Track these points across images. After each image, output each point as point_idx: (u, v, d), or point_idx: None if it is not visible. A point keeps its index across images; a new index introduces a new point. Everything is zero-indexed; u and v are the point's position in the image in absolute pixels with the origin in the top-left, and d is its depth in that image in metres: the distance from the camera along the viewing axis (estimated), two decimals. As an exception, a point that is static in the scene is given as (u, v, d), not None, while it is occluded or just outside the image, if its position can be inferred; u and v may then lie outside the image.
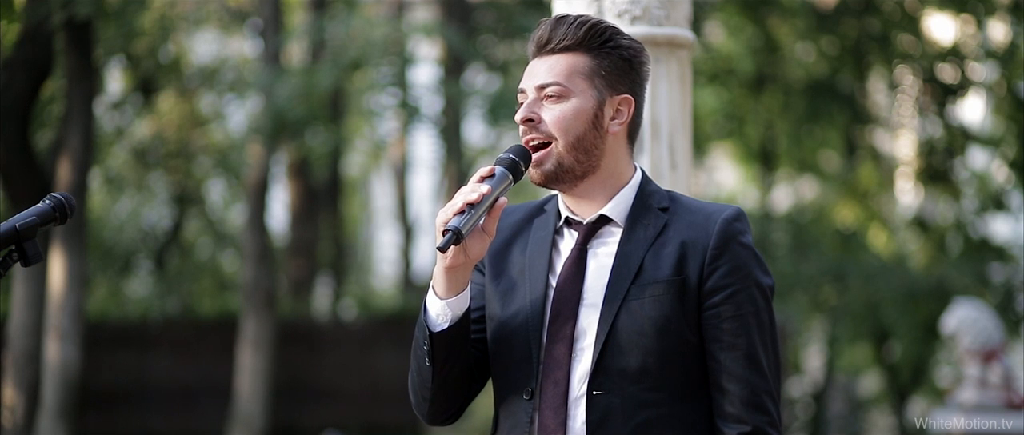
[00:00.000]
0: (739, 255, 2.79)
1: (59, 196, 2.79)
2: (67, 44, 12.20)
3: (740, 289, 2.77)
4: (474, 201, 2.71)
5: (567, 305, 2.80)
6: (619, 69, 2.83)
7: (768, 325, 2.79)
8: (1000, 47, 14.38)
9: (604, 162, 2.83)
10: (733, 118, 16.20)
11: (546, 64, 2.83)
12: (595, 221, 2.84)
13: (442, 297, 2.80)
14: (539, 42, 2.84)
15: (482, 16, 14.98)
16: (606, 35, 2.83)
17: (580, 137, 2.79)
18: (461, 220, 2.70)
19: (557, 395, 2.76)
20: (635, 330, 2.75)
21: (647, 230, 2.81)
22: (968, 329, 10.20)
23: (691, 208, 2.84)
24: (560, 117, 2.79)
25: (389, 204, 23.35)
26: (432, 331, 2.81)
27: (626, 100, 2.84)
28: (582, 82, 2.81)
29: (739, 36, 15.76)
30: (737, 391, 2.75)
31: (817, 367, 17.82)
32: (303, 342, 16.20)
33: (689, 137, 4.25)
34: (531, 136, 2.81)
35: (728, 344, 2.76)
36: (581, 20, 2.82)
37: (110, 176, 18.25)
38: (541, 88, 2.81)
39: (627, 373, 2.75)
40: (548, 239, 2.87)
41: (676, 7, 4.20)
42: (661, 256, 2.78)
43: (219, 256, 20.58)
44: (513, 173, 2.78)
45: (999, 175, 15.43)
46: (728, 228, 2.79)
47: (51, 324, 12.03)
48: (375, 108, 15.78)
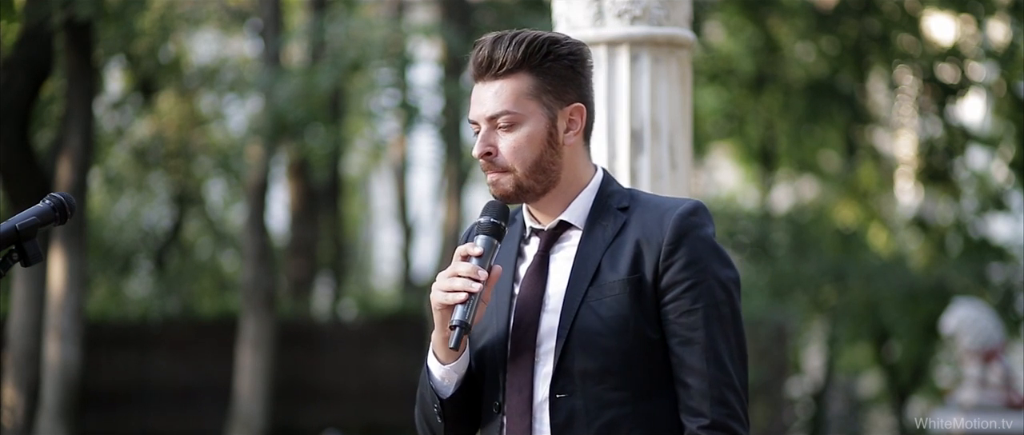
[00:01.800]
0: (696, 249, 2.76)
1: (59, 196, 2.79)
2: (67, 44, 12.20)
3: (697, 283, 2.75)
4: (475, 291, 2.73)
5: (529, 312, 2.81)
6: (564, 79, 2.82)
7: (730, 318, 2.77)
8: (1000, 47, 14.38)
9: (564, 174, 2.84)
10: (733, 118, 16.20)
11: (491, 91, 2.81)
12: (555, 227, 2.86)
13: (444, 363, 2.83)
14: (479, 67, 2.83)
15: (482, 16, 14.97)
16: (545, 48, 2.81)
17: (538, 160, 2.80)
18: (465, 312, 2.72)
19: (522, 401, 2.78)
20: (594, 331, 2.75)
21: (605, 231, 2.81)
22: (968, 329, 10.21)
23: (649, 205, 2.83)
24: (515, 147, 2.79)
25: (389, 204, 23.36)
26: (442, 397, 2.84)
27: (577, 109, 2.84)
28: (531, 104, 2.80)
29: (739, 36, 15.76)
30: (697, 385, 2.74)
31: (817, 367, 17.82)
32: (303, 342, 16.21)
33: (689, 137, 4.25)
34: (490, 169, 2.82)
35: (686, 339, 2.75)
36: (518, 38, 2.81)
37: (110, 176, 18.25)
38: (492, 119, 2.81)
39: (589, 374, 2.75)
40: (514, 250, 2.88)
41: (676, 7, 4.20)
42: (618, 256, 2.78)
43: (219, 256, 20.58)
44: (497, 237, 2.80)
45: (999, 175, 15.43)
46: (683, 222, 2.77)
47: (51, 324, 12.03)
48: (375, 109, 15.78)
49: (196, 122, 18.44)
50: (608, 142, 4.15)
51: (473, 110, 2.85)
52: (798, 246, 15.11)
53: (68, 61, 12.33)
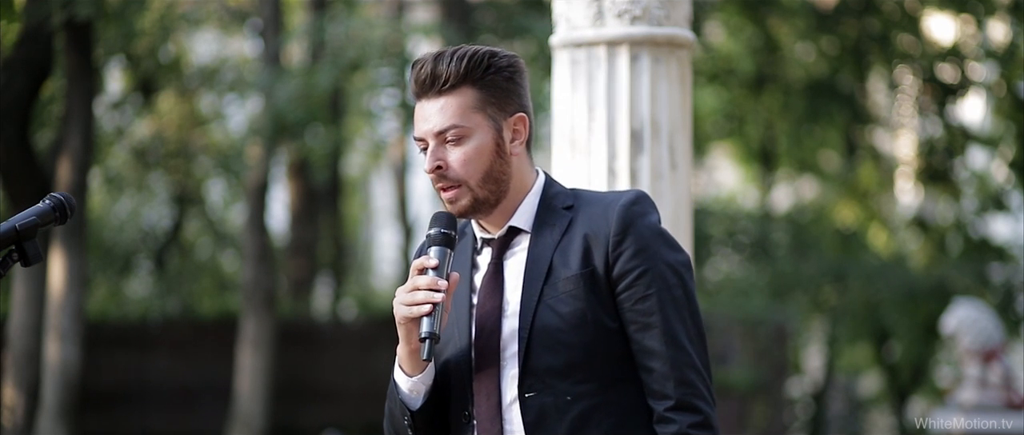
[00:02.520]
0: (642, 236, 2.82)
1: (59, 196, 2.79)
2: (67, 44, 12.20)
3: (647, 269, 2.80)
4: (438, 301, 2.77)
5: (490, 319, 2.86)
6: (505, 91, 2.88)
7: (683, 300, 2.82)
8: (1000, 47, 14.38)
9: (512, 183, 2.89)
10: (733, 118, 16.21)
11: (436, 106, 2.85)
12: (505, 234, 2.90)
13: (411, 375, 2.88)
14: (422, 84, 2.87)
15: (482, 16, 14.97)
16: (484, 62, 2.86)
17: (488, 171, 2.85)
18: (432, 323, 2.77)
19: (491, 407, 2.83)
20: (554, 328, 2.80)
21: (553, 231, 2.87)
22: (968, 329, 10.21)
23: (592, 200, 2.89)
24: (464, 159, 2.84)
25: (389, 204, 23.34)
26: (411, 409, 2.89)
27: (520, 118, 2.89)
28: (477, 116, 2.85)
29: (739, 36, 15.77)
30: (658, 368, 2.79)
31: (817, 367, 17.83)
32: (303, 342, 16.20)
33: (689, 137, 4.25)
34: (442, 184, 2.86)
35: (644, 325, 2.80)
36: (458, 54, 2.85)
37: (110, 176, 18.23)
38: (440, 134, 2.85)
39: (554, 370, 2.80)
40: (468, 261, 2.93)
41: (676, 7, 4.20)
42: (569, 252, 2.83)
43: (219, 256, 20.57)
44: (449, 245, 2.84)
45: (999, 175, 15.43)
46: (627, 212, 2.83)
47: (51, 324, 12.03)
48: (375, 109, 15.77)
49: (196, 122, 18.43)
50: (608, 142, 4.15)
51: (418, 127, 2.89)
52: (798, 246, 15.12)
53: (68, 61, 12.33)
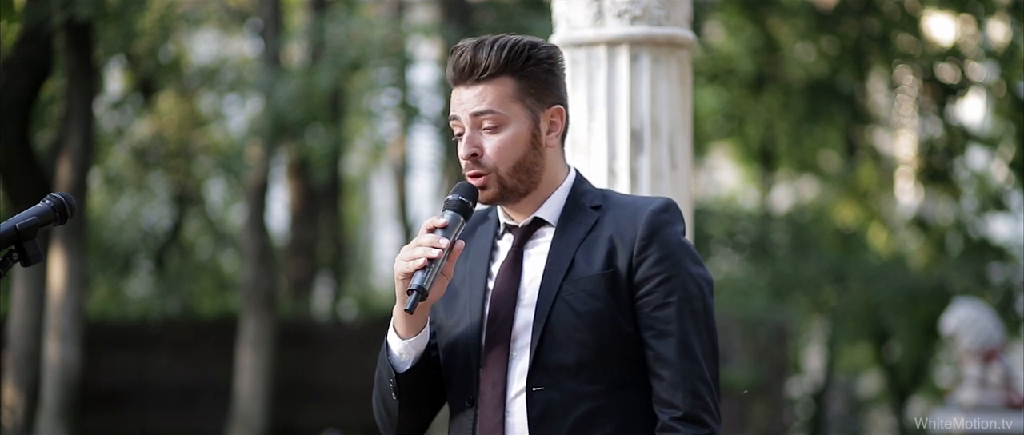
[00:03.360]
0: (668, 244, 2.82)
1: (59, 196, 2.79)
2: (67, 44, 12.20)
3: (670, 277, 2.80)
4: (436, 257, 2.75)
5: (504, 307, 2.85)
6: (544, 82, 2.88)
7: (702, 313, 2.82)
8: (1000, 47, 14.37)
9: (544, 175, 2.89)
10: (733, 118, 16.20)
11: (474, 92, 2.86)
12: (529, 224, 2.90)
13: (404, 337, 2.86)
14: (461, 71, 2.88)
15: (482, 16, 14.96)
16: (525, 53, 2.86)
17: (521, 161, 2.86)
18: (424, 277, 2.74)
19: (495, 396, 2.82)
20: (569, 325, 2.79)
21: (579, 228, 2.86)
22: (968, 329, 10.21)
23: (621, 203, 2.89)
24: (499, 147, 2.85)
25: (389, 204, 23.35)
26: (398, 372, 2.86)
27: (557, 111, 2.90)
28: (515, 106, 2.85)
29: (739, 36, 15.76)
30: (670, 377, 2.78)
31: (817, 367, 17.82)
32: (303, 342, 16.20)
33: (689, 137, 4.25)
34: (475, 170, 2.86)
35: (660, 332, 2.79)
36: (499, 43, 2.86)
37: (110, 176, 18.24)
38: (476, 116, 2.85)
39: (564, 367, 2.79)
40: (488, 245, 2.93)
41: (676, 7, 4.19)
42: (592, 251, 2.83)
43: (219, 256, 20.57)
44: (464, 214, 2.83)
45: (999, 175, 15.43)
46: (655, 219, 2.83)
47: (51, 324, 12.03)
48: (375, 109, 15.78)
49: (196, 122, 18.43)
50: (608, 142, 4.14)
51: (454, 109, 2.90)
52: (798, 246, 15.10)
53: (68, 61, 12.33)
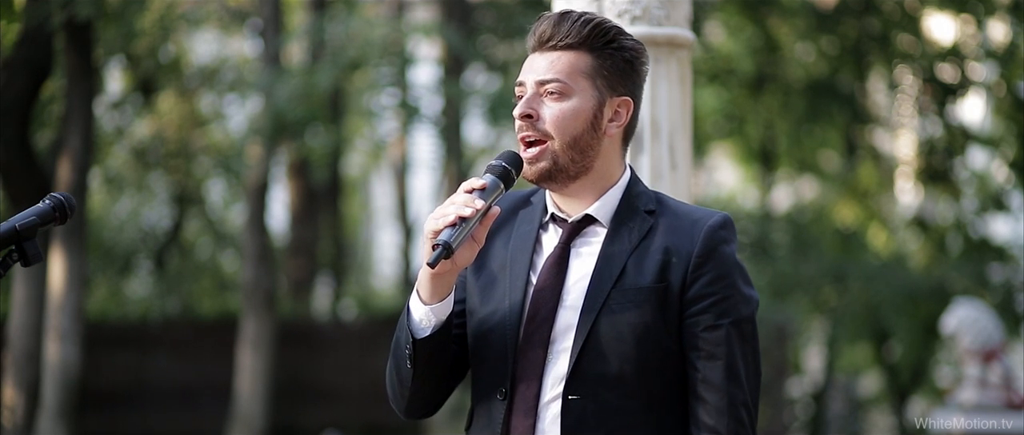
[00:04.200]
0: (724, 264, 2.74)
1: (59, 196, 2.78)
2: (67, 44, 12.20)
3: (723, 298, 2.73)
4: (467, 216, 2.65)
5: (545, 305, 2.75)
6: (620, 70, 2.79)
7: (750, 336, 2.75)
8: (1000, 47, 14.38)
9: (598, 163, 2.79)
10: (733, 118, 16.20)
11: (547, 60, 2.78)
12: (580, 220, 2.80)
13: (426, 302, 2.77)
14: (541, 37, 2.80)
15: (482, 16, 14.97)
16: (610, 35, 2.78)
17: (577, 137, 2.75)
18: (452, 234, 2.64)
19: (529, 397, 2.73)
20: (614, 336, 2.71)
21: (632, 233, 2.77)
22: (968, 329, 10.21)
23: (678, 212, 2.80)
24: (559, 116, 2.75)
25: (389, 204, 23.35)
26: (416, 337, 2.77)
27: (625, 102, 2.80)
28: (583, 81, 2.76)
29: (739, 36, 15.76)
30: (714, 401, 2.71)
31: (817, 367, 17.82)
32: (303, 342, 16.21)
33: (689, 137, 4.24)
34: (528, 133, 2.77)
35: (707, 353, 2.71)
36: (586, 18, 2.78)
37: (110, 176, 18.25)
38: (542, 84, 2.77)
39: (604, 379, 2.71)
40: (532, 234, 2.82)
41: (676, 7, 4.19)
42: (645, 261, 2.74)
43: (219, 256, 20.58)
44: (505, 181, 2.74)
45: (999, 175, 15.43)
46: (714, 235, 2.75)
47: (51, 324, 12.03)
48: (375, 108, 15.78)
49: (196, 122, 18.44)
50: (608, 142, 4.15)
51: (523, 74, 2.80)
52: (798, 246, 15.10)
53: (68, 61, 12.33)
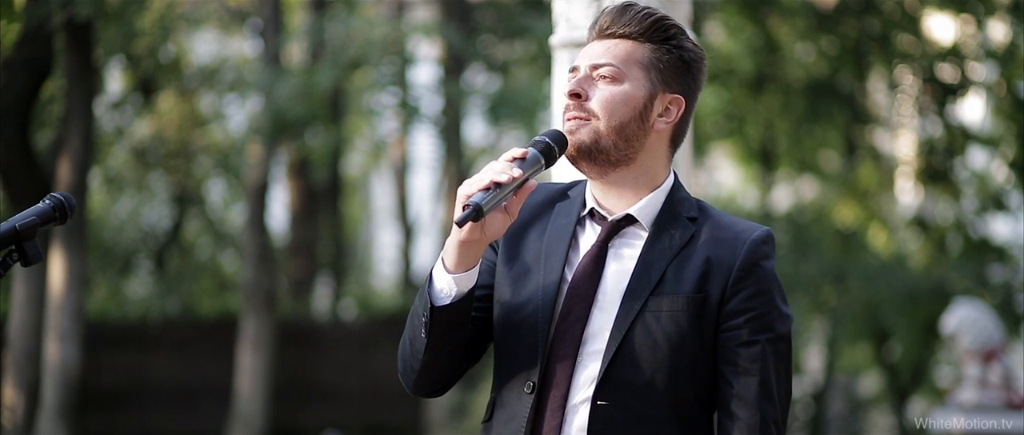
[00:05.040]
0: (765, 279, 2.72)
1: (59, 196, 2.77)
2: (67, 44, 12.21)
3: (761, 314, 2.70)
4: (503, 182, 2.59)
5: (580, 304, 2.70)
6: (677, 68, 2.76)
7: (784, 355, 2.73)
8: (1000, 47, 14.37)
9: (641, 157, 2.74)
10: (733, 118, 16.19)
11: (604, 46, 2.75)
12: (620, 220, 2.75)
13: (451, 271, 2.68)
14: (601, 26, 2.77)
15: (482, 16, 14.98)
16: (670, 32, 2.77)
17: (624, 123, 2.71)
18: (484, 197, 2.57)
19: (558, 397, 2.68)
20: (648, 344, 2.67)
21: (673, 239, 2.72)
22: (968, 329, 10.20)
23: (721, 223, 2.76)
24: (609, 98, 2.71)
25: (389, 204, 23.35)
26: (434, 304, 2.69)
27: (677, 100, 2.77)
28: (638, 70, 2.74)
29: (739, 36, 15.75)
30: (746, 417, 2.69)
31: (817, 367, 17.81)
32: (303, 342, 16.21)
33: (689, 137, 4.24)
34: (575, 113, 2.72)
35: (743, 369, 2.69)
36: (648, 11, 2.76)
37: (110, 176, 18.25)
38: (595, 67, 2.73)
39: (634, 387, 2.67)
40: (569, 228, 2.77)
41: (676, 7, 4.19)
42: (685, 269, 2.70)
43: (219, 256, 20.59)
44: (546, 158, 2.67)
45: (999, 175, 15.42)
46: (756, 250, 2.72)
47: (51, 324, 12.03)
48: (375, 107, 15.79)
49: (196, 122, 18.44)
50: (608, 142, 4.14)
51: (579, 59, 2.78)
52: (798, 246, 15.09)
53: (68, 61, 12.33)
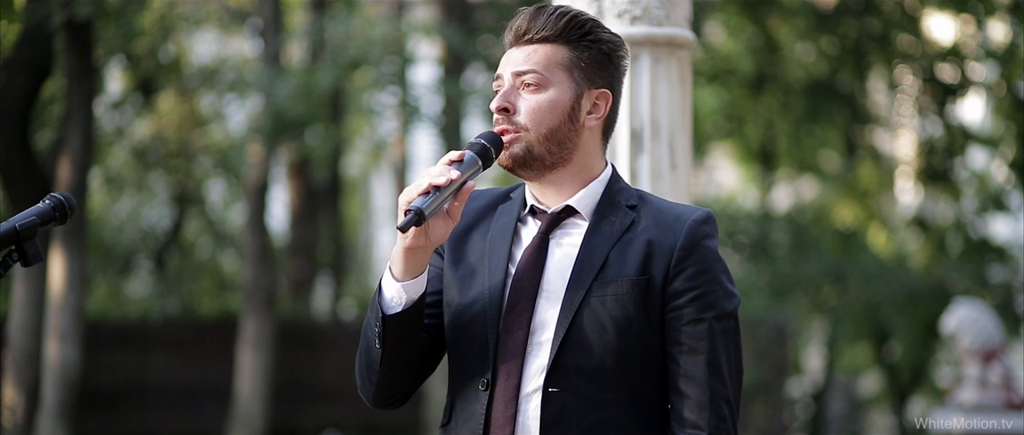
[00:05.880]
0: (706, 259, 2.73)
1: (59, 196, 2.77)
2: (67, 44, 12.20)
3: (705, 292, 2.71)
4: (441, 184, 2.64)
5: (525, 295, 2.74)
6: (598, 63, 2.79)
7: (732, 332, 2.73)
8: (1000, 47, 14.38)
9: (576, 155, 2.78)
10: (733, 118, 16.19)
11: (524, 53, 2.78)
12: (560, 211, 2.79)
13: (399, 279, 2.74)
14: (517, 32, 2.80)
15: (482, 16, 14.97)
16: (586, 28, 2.79)
17: (554, 129, 2.74)
18: (425, 201, 2.62)
19: (509, 388, 2.71)
20: (595, 328, 2.69)
21: (613, 226, 2.76)
22: (968, 329, 10.20)
23: (660, 208, 2.79)
24: (535, 108, 2.74)
25: (389, 204, 23.35)
26: (385, 313, 2.73)
27: (604, 94, 2.80)
28: (561, 73, 2.76)
29: (739, 36, 15.76)
30: (696, 396, 2.69)
31: (817, 367, 17.82)
32: (303, 342, 16.21)
33: (689, 137, 4.24)
34: (505, 126, 2.76)
35: (690, 348, 2.70)
36: (561, 11, 2.78)
37: (110, 176, 18.25)
38: (519, 75, 2.77)
39: (584, 371, 2.69)
40: (510, 226, 2.81)
41: (676, 7, 4.19)
42: (627, 253, 2.73)
43: (219, 256, 20.59)
44: (483, 159, 2.72)
45: (999, 175, 15.43)
46: (697, 230, 2.74)
47: (51, 324, 12.03)
48: (375, 107, 15.79)
49: (196, 122, 18.44)
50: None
51: (501, 67, 2.81)
52: (798, 246, 15.10)
53: (68, 61, 12.33)
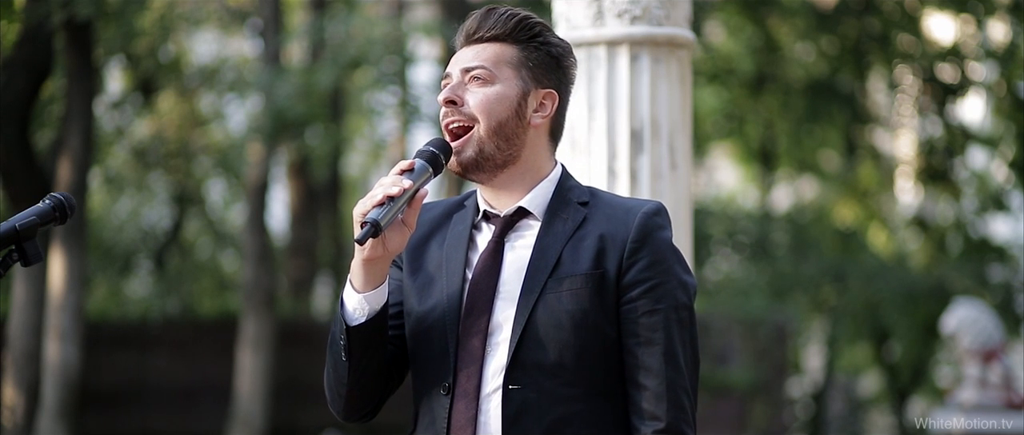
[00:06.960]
0: (659, 250, 2.75)
1: (59, 196, 2.77)
2: (67, 44, 12.21)
3: (659, 283, 2.73)
4: (394, 194, 2.66)
5: (482, 298, 2.76)
6: (545, 64, 2.83)
7: (688, 322, 2.75)
8: (1000, 47, 14.39)
9: (524, 154, 2.81)
10: (733, 118, 16.20)
11: (473, 51, 2.83)
12: (513, 213, 2.82)
13: (359, 291, 2.76)
14: (467, 32, 2.85)
15: (482, 16, 14.96)
16: (535, 30, 2.84)
17: (502, 123, 2.78)
18: (380, 212, 2.65)
19: (470, 390, 2.73)
20: (552, 324, 2.71)
21: (566, 223, 2.78)
22: (968, 329, 10.21)
23: (611, 203, 2.82)
24: (483, 100, 2.78)
25: (389, 204, 23.35)
26: (349, 325, 2.76)
27: (550, 95, 2.83)
28: (508, 70, 2.81)
29: (739, 36, 15.77)
30: (653, 387, 2.70)
31: (817, 367, 17.83)
32: (303, 342, 16.20)
33: (689, 137, 4.24)
34: (453, 118, 2.79)
35: (645, 339, 2.72)
36: (511, 12, 2.83)
37: (110, 176, 18.26)
38: (467, 71, 2.81)
39: (543, 367, 2.71)
40: (466, 233, 2.84)
41: (676, 7, 4.19)
42: (579, 250, 2.75)
43: (219, 256, 20.59)
44: (433, 166, 2.75)
45: (999, 175, 15.44)
46: (648, 221, 2.76)
47: (51, 324, 12.03)
48: (375, 107, 15.79)
49: (196, 122, 18.44)
50: (608, 142, 4.14)
51: (449, 67, 2.85)
52: (798, 246, 15.11)
53: (68, 61, 12.34)
